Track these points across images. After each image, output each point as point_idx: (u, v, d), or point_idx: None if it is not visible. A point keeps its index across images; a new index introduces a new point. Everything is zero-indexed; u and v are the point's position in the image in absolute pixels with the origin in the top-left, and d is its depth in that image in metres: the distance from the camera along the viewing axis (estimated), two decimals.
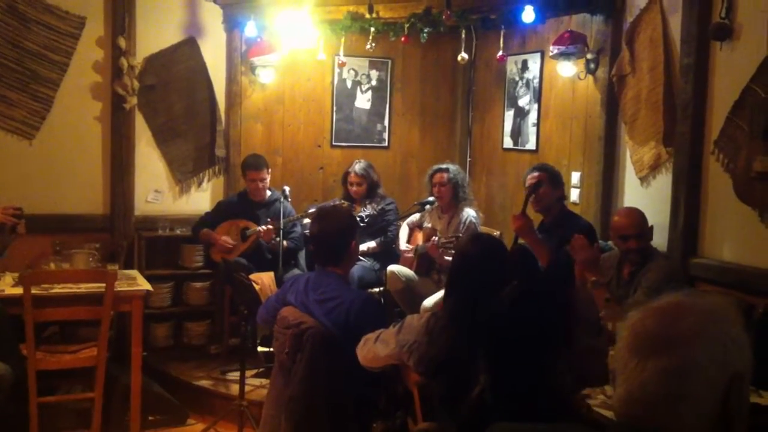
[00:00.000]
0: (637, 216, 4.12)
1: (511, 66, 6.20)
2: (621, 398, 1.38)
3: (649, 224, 4.17)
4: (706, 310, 1.39)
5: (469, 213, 5.50)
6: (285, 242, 5.59)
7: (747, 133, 4.01)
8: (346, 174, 6.03)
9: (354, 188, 5.95)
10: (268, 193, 5.85)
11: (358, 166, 5.96)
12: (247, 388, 4.76)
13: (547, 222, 4.88)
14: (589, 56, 5.23)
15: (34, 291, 4.33)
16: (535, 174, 4.83)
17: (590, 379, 2.82)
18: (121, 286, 4.66)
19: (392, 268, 5.48)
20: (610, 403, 1.42)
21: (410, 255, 5.62)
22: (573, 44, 5.18)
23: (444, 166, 5.64)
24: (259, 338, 5.39)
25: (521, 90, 6.10)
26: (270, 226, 5.55)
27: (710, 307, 1.40)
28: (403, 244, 5.82)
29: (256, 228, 5.62)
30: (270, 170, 5.86)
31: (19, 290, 4.35)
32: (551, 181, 4.82)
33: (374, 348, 3.13)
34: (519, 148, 6.16)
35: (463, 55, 5.83)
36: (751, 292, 3.94)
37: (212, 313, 6.00)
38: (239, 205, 5.83)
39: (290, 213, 5.75)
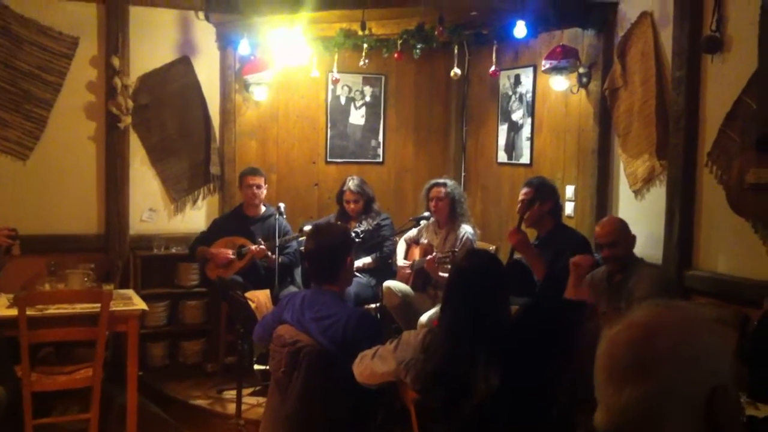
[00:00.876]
0: (611, 224, 4.20)
1: (504, 80, 6.22)
2: (603, 422, 1.37)
3: (644, 238, 4.19)
4: (676, 327, 1.38)
5: (466, 229, 5.49)
6: (280, 258, 5.59)
7: (739, 145, 4.03)
8: (341, 192, 6.03)
9: (351, 205, 5.95)
10: (263, 208, 5.85)
11: (352, 183, 5.96)
12: (243, 407, 4.75)
13: (542, 236, 4.88)
14: (581, 70, 5.25)
15: (29, 312, 4.32)
16: (525, 190, 4.88)
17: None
18: (116, 306, 4.64)
19: (388, 283, 5.47)
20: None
21: (407, 271, 5.61)
22: (565, 58, 5.20)
23: (441, 180, 5.64)
24: (256, 356, 5.38)
25: (515, 104, 6.12)
26: (262, 246, 5.55)
27: (681, 322, 1.39)
28: (400, 260, 5.82)
29: (253, 247, 5.60)
30: (266, 183, 5.86)
31: (14, 312, 4.33)
32: (539, 195, 4.83)
33: (371, 365, 3.13)
34: (513, 162, 6.17)
35: (456, 71, 5.86)
36: (745, 303, 3.95)
37: (208, 331, 5.97)
38: (234, 221, 5.83)
39: (286, 229, 5.74)
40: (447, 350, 2.89)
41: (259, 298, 5.20)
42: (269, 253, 5.54)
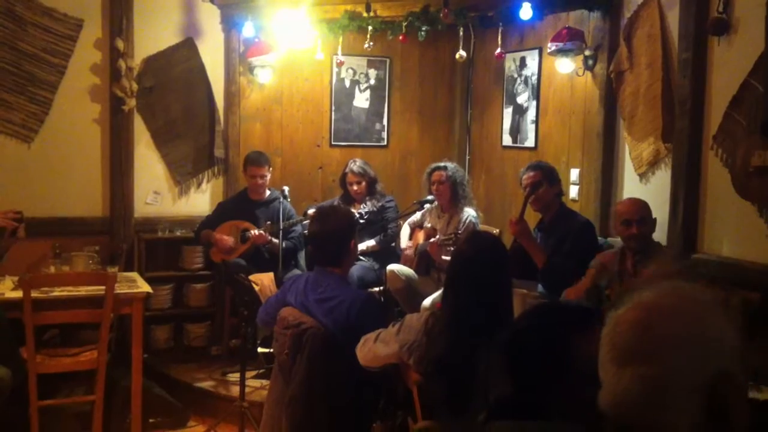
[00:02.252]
0: (641, 203, 4.17)
1: (510, 63, 6.19)
2: (607, 402, 1.37)
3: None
4: (682, 310, 1.37)
5: (469, 212, 5.48)
6: (284, 243, 5.60)
7: (745, 128, 4.01)
8: (344, 175, 6.02)
9: (354, 187, 5.94)
10: (268, 192, 5.85)
11: (354, 166, 5.95)
12: (247, 390, 4.77)
13: (547, 220, 4.86)
14: (587, 53, 5.22)
15: (33, 294, 4.33)
16: (531, 173, 4.81)
17: None
18: (121, 289, 4.66)
19: (392, 267, 5.47)
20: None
21: (410, 252, 5.61)
22: (571, 41, 5.18)
23: (442, 164, 5.62)
24: (260, 339, 5.39)
25: (520, 87, 6.10)
26: (262, 232, 5.54)
27: (687, 305, 1.37)
28: (404, 243, 5.82)
29: (256, 231, 5.60)
30: (271, 169, 5.86)
31: (18, 294, 4.34)
32: (548, 178, 4.80)
33: (374, 347, 3.13)
34: (518, 145, 6.15)
35: (462, 53, 5.82)
36: (750, 287, 3.93)
37: (213, 314, 5.99)
38: (239, 205, 5.82)
39: (290, 213, 5.74)
40: (448, 339, 2.89)
41: (263, 281, 5.21)
42: (272, 239, 5.54)
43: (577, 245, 4.55)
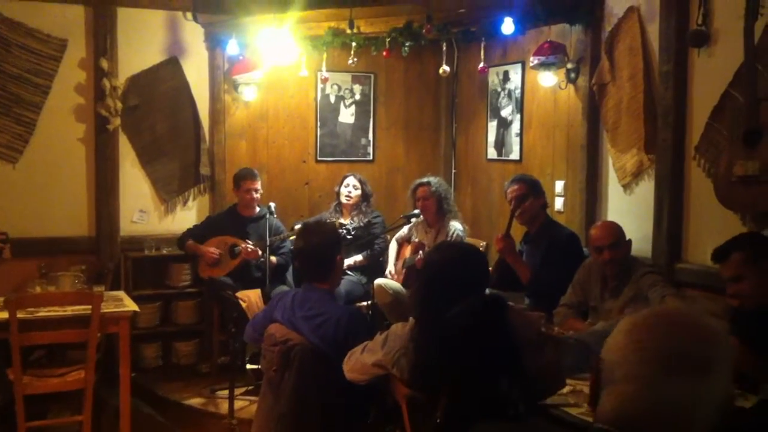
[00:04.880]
0: (610, 227, 4.18)
1: (493, 77, 6.23)
2: (617, 408, 1.32)
3: (633, 232, 4.20)
4: (718, 331, 1.35)
5: (456, 227, 5.51)
6: (274, 258, 5.59)
7: (727, 138, 4.05)
8: (342, 180, 6.10)
9: (350, 190, 5.99)
10: (257, 209, 5.85)
11: (357, 175, 6.08)
12: (236, 406, 4.75)
13: (532, 232, 4.89)
14: (569, 66, 5.26)
15: (19, 315, 4.31)
16: (516, 186, 4.84)
17: (552, 391, 2.84)
18: (107, 308, 4.64)
19: (379, 281, 5.48)
20: (598, 411, 1.35)
21: (396, 275, 5.64)
22: (553, 54, 5.22)
23: (425, 180, 5.65)
24: (248, 356, 5.38)
25: (504, 101, 6.14)
26: (254, 247, 5.54)
27: (719, 328, 1.37)
28: (391, 265, 5.83)
29: (245, 245, 5.60)
30: (261, 185, 5.89)
31: (4, 314, 4.32)
32: (533, 191, 4.83)
33: (361, 358, 3.12)
34: (503, 158, 6.18)
35: (445, 68, 5.87)
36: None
37: (201, 331, 5.97)
38: (229, 221, 5.82)
39: (278, 228, 5.74)
40: (420, 346, 2.87)
41: (250, 297, 5.21)
42: (263, 256, 5.53)
43: (564, 257, 4.58)
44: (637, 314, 1.39)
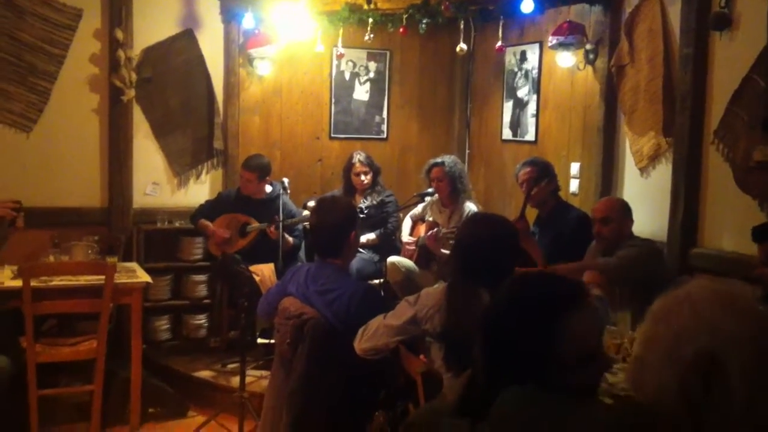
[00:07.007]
0: (607, 201, 4.30)
1: (510, 57, 6.19)
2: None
3: (648, 215, 4.19)
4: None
5: (470, 207, 5.49)
6: (291, 239, 5.57)
7: (746, 123, 4.01)
8: (350, 166, 5.99)
9: (362, 178, 5.92)
10: (269, 188, 5.77)
11: (361, 156, 5.94)
12: (247, 380, 4.76)
13: (544, 215, 4.89)
14: (587, 47, 5.22)
15: (33, 283, 4.32)
16: (527, 169, 4.85)
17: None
18: (120, 278, 4.65)
19: (392, 259, 5.47)
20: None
21: (412, 247, 5.61)
22: (572, 35, 5.17)
23: (439, 160, 5.61)
24: (258, 330, 5.38)
25: (520, 81, 6.09)
26: (274, 230, 5.47)
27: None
28: (405, 237, 5.81)
29: (257, 225, 5.57)
30: (268, 177, 5.70)
31: (18, 283, 4.34)
32: (545, 174, 4.83)
33: (385, 321, 3.11)
34: (518, 139, 6.15)
35: (462, 46, 5.81)
36: (750, 281, 3.93)
37: (211, 305, 5.98)
38: (238, 200, 5.78)
39: (291, 212, 5.67)
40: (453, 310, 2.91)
41: (264, 271, 5.19)
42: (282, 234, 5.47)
43: (575, 238, 4.58)
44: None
